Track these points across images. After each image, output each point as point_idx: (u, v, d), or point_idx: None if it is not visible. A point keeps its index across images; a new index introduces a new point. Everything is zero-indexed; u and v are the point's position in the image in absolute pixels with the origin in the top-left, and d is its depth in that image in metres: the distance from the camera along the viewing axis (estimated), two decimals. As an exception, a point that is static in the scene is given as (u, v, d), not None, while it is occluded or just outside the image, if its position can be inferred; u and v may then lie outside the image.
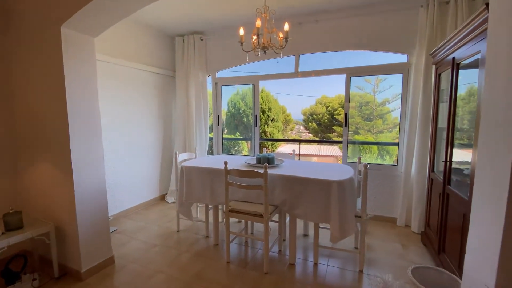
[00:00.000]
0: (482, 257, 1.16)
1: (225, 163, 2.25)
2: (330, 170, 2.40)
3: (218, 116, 4.26)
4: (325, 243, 2.58)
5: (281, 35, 2.40)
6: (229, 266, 2.34)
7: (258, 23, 2.22)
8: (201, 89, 4.08)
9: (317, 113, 14.11)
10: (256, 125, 3.99)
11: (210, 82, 4.22)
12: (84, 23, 2.00)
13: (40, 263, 2.31)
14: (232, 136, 6.38)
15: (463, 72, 2.07)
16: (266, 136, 12.49)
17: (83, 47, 2.10)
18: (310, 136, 14.42)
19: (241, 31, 2.34)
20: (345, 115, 3.43)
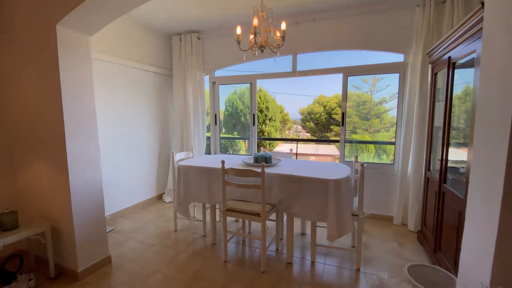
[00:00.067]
0: (477, 255, 1.17)
1: (223, 162, 2.24)
2: (327, 169, 2.41)
3: (215, 115, 4.26)
4: (323, 241, 2.58)
5: (278, 34, 2.40)
6: (227, 265, 2.34)
7: (255, 22, 2.22)
8: (199, 88, 4.07)
9: (315, 112, 14.14)
10: (253, 124, 3.99)
11: (207, 81, 4.21)
12: (79, 21, 1.98)
13: (36, 263, 2.30)
14: (230, 136, 6.37)
15: (460, 71, 2.08)
16: (264, 136, 12.49)
17: (79, 46, 2.08)
18: (308, 136, 14.44)
19: (238, 30, 2.33)
20: (342, 114, 3.44)
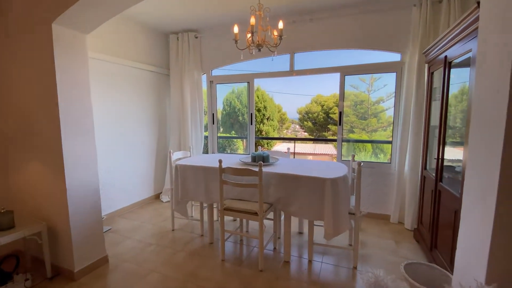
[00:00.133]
0: (472, 253, 1.18)
1: (220, 161, 2.24)
2: (324, 168, 2.41)
3: (213, 114, 4.25)
4: (320, 240, 2.59)
5: (275, 33, 2.39)
6: (224, 264, 2.34)
7: (253, 20, 2.22)
8: (196, 87, 4.06)
9: (313, 112, 14.14)
10: (251, 124, 3.99)
11: (205, 80, 4.20)
12: (75, 20, 1.96)
13: (33, 263, 2.28)
14: (227, 135, 6.36)
15: (457, 71, 2.09)
16: (262, 135, 12.49)
17: (74, 44, 2.06)
18: (306, 135, 14.45)
19: (235, 29, 2.33)
20: (340, 114, 3.45)
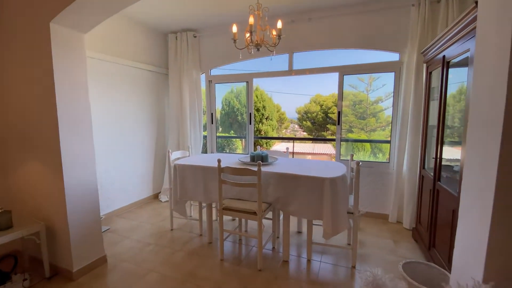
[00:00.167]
0: (470, 252, 1.19)
1: (219, 161, 2.24)
2: (323, 168, 2.41)
3: (212, 114, 4.25)
4: (318, 239, 2.60)
5: (274, 32, 2.40)
6: (223, 264, 2.34)
7: (251, 20, 2.21)
8: (195, 87, 4.06)
9: (312, 111, 14.16)
10: (250, 123, 3.99)
11: (204, 80, 4.20)
12: (73, 19, 1.96)
13: (31, 263, 2.28)
14: (226, 134, 6.36)
15: (455, 70, 2.10)
16: (261, 135, 12.49)
17: (72, 44, 2.06)
18: (305, 135, 14.46)
19: (234, 28, 2.33)
20: (338, 113, 3.45)
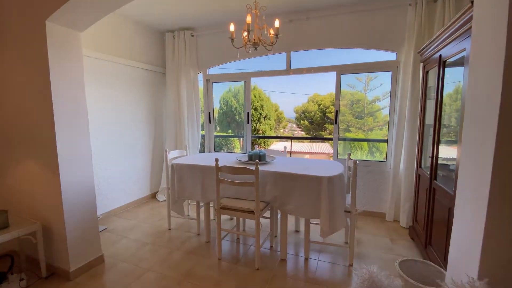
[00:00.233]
0: (465, 249, 1.20)
1: (216, 160, 2.24)
2: (320, 167, 2.42)
3: (209, 113, 4.24)
4: (316, 238, 2.60)
5: (271, 31, 2.40)
6: (221, 263, 2.34)
7: (249, 19, 2.21)
8: (192, 86, 4.04)
9: (309, 111, 14.19)
10: (248, 123, 3.99)
11: (201, 79, 4.19)
12: (69, 17, 1.94)
13: (28, 263, 2.26)
14: (224, 134, 6.35)
15: (452, 70, 2.11)
16: (259, 134, 12.49)
17: (69, 42, 2.04)
18: (303, 134, 14.49)
19: (231, 27, 2.33)
20: (336, 113, 3.46)
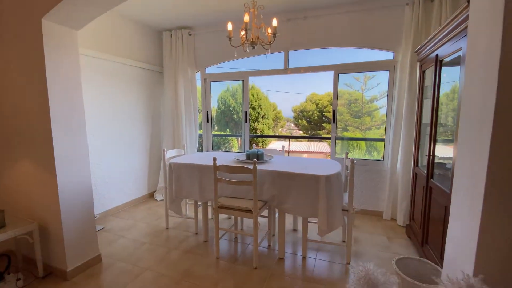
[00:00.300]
0: (461, 247, 1.21)
1: (214, 159, 2.24)
2: (318, 166, 2.43)
3: (207, 112, 4.24)
4: (314, 237, 2.61)
5: (269, 30, 2.40)
6: (219, 262, 2.34)
7: (246, 18, 2.21)
8: (190, 85, 4.03)
9: (307, 110, 14.20)
10: (246, 122, 3.99)
11: (199, 78, 4.18)
12: (66, 15, 1.93)
13: (24, 262, 2.25)
14: (222, 133, 6.35)
15: (448, 69, 2.12)
16: (257, 133, 12.49)
17: (65, 40, 2.03)
18: (301, 133, 14.50)
19: (229, 26, 2.32)
20: (333, 112, 3.47)
